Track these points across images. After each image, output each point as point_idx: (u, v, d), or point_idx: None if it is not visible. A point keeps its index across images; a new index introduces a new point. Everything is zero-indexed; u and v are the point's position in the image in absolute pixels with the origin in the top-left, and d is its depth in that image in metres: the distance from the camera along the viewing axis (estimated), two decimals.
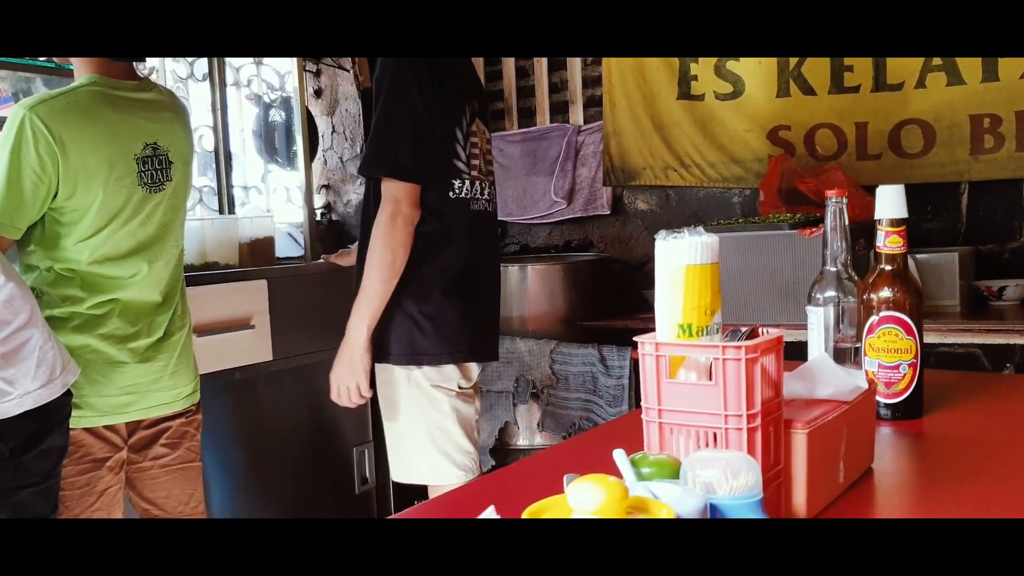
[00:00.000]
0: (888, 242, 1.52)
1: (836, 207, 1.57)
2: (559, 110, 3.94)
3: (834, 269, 1.58)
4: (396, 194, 2.07)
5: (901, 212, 1.52)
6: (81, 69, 2.06)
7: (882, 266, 1.53)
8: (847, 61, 3.24)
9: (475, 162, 2.23)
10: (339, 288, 2.67)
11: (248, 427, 2.87)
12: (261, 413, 2.91)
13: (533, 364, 3.10)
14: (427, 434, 2.19)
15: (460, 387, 2.22)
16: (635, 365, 2.94)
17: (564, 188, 3.80)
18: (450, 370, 2.19)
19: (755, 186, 3.40)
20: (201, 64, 3.55)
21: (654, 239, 1.07)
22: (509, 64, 4.00)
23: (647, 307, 3.41)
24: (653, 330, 1.07)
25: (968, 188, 3.15)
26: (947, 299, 2.85)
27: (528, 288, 3.27)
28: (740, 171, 3.46)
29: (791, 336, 2.78)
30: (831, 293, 1.59)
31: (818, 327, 1.60)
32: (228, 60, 3.62)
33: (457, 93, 2.19)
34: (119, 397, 2.02)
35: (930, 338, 2.56)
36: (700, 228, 1.07)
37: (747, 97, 3.42)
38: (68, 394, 1.80)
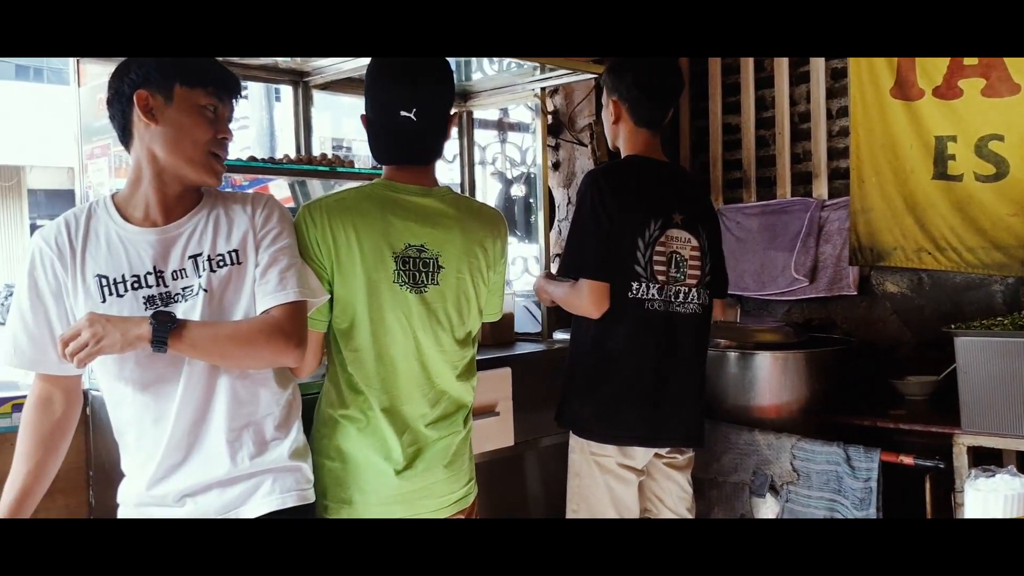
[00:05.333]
0: None
1: None
2: (799, 181, 3.84)
3: None
4: (592, 289, 2.53)
5: None
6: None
7: None
8: None
9: (659, 268, 2.56)
10: None
11: (496, 514, 2.96)
12: (506, 499, 2.99)
13: (772, 458, 3.02)
14: (584, 496, 2.61)
15: (620, 464, 2.57)
16: (883, 467, 2.81)
17: (806, 265, 3.69)
18: (611, 448, 2.56)
19: (1020, 275, 3.18)
20: (451, 145, 3.72)
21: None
22: (749, 132, 3.94)
23: (894, 399, 3.25)
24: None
25: None
26: None
27: (768, 376, 3.18)
28: (1002, 258, 3.23)
29: None
30: None
31: None
32: (476, 140, 3.78)
33: (644, 206, 2.56)
34: (384, 507, 2.06)
35: None
36: (1012, 468, 1.02)
37: (1012, 179, 3.20)
38: None
